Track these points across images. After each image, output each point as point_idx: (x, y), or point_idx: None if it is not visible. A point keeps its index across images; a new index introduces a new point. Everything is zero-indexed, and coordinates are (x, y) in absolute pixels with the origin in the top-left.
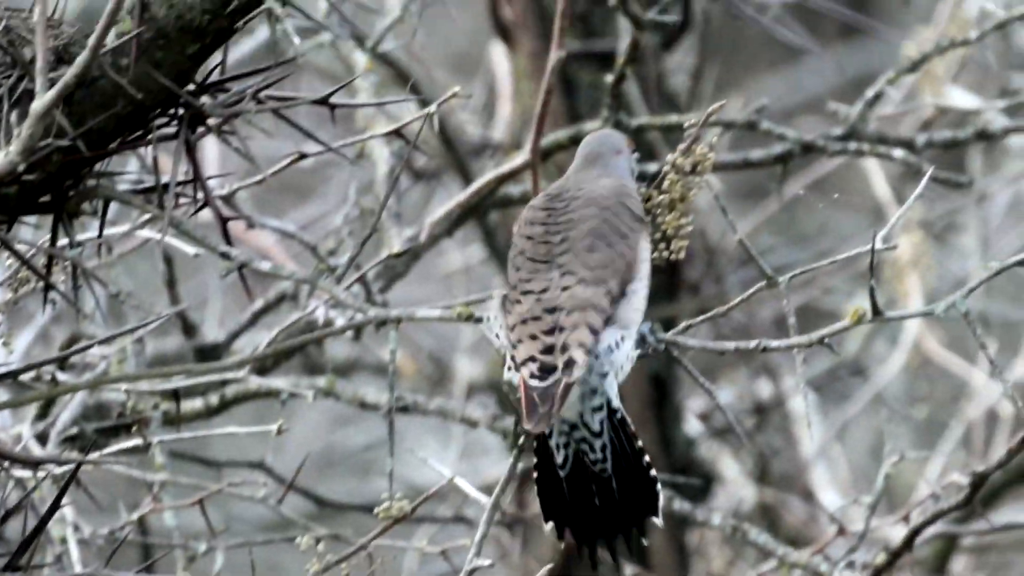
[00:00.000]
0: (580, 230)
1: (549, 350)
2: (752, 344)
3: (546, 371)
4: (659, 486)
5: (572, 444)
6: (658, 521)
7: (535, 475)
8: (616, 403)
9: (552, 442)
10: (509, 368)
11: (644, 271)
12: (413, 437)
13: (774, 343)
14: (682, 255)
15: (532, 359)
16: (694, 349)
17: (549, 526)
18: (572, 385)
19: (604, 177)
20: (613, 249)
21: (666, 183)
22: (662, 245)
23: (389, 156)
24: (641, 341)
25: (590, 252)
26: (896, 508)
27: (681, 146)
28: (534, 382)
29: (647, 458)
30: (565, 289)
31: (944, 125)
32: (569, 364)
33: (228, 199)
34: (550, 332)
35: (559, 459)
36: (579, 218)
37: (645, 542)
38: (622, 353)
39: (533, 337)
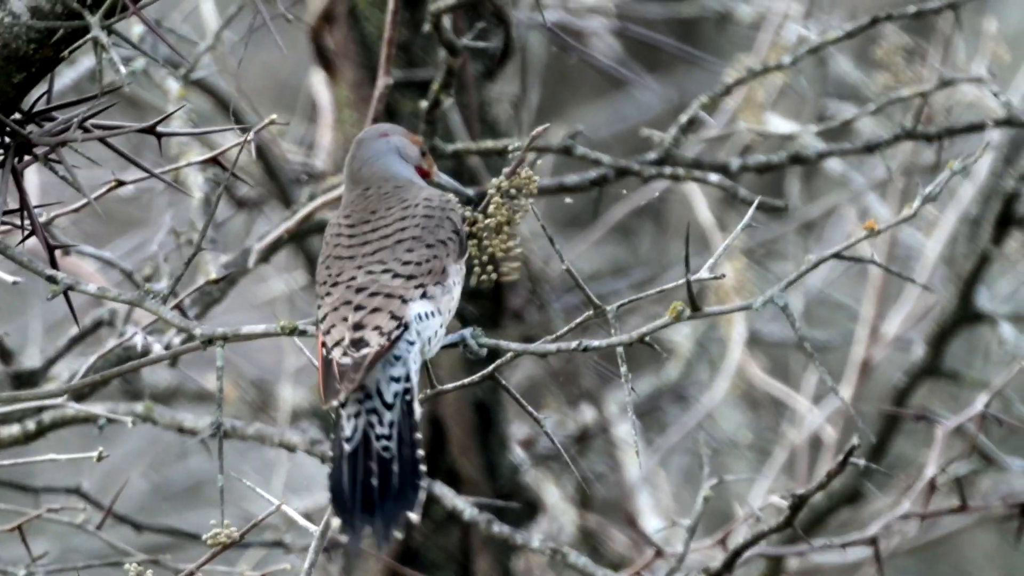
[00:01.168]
0: (399, 234)
1: (358, 327)
2: (574, 344)
3: (355, 346)
4: (424, 483)
5: (363, 415)
6: (415, 518)
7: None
8: (414, 381)
9: (345, 412)
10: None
11: (457, 275)
12: (237, 470)
13: (595, 342)
14: (515, 276)
15: (342, 340)
16: (517, 353)
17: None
18: (377, 357)
19: (406, 188)
20: (431, 251)
21: (491, 207)
22: (490, 267)
23: (204, 183)
24: (463, 344)
25: (408, 252)
26: (716, 528)
27: (506, 170)
28: (345, 360)
29: (421, 452)
30: (372, 273)
31: (764, 151)
32: (366, 343)
33: (47, 225)
34: (358, 309)
35: (347, 431)
36: (397, 223)
37: (400, 536)
38: (430, 327)
39: (344, 319)
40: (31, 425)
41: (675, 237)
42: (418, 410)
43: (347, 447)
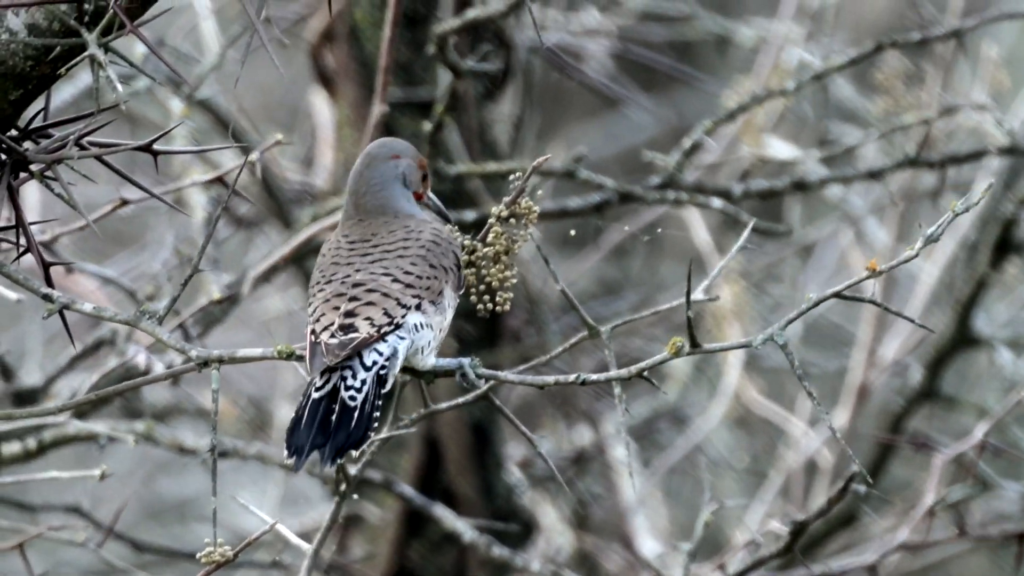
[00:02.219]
0: (402, 251)
1: (350, 315)
2: (572, 377)
3: (344, 330)
4: (372, 436)
5: (338, 373)
6: (354, 454)
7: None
8: (393, 366)
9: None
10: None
11: (451, 302)
12: (232, 486)
13: (593, 376)
14: (508, 307)
15: (332, 324)
16: (513, 383)
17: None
18: (363, 344)
19: (409, 218)
20: (432, 271)
21: (491, 236)
22: (486, 297)
23: (207, 202)
24: (461, 373)
25: (411, 265)
26: (713, 551)
27: (506, 199)
28: (332, 340)
29: (377, 416)
30: (372, 275)
31: (763, 175)
32: (355, 329)
33: (49, 245)
34: (352, 300)
35: (318, 383)
36: (400, 243)
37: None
38: (423, 336)
39: (335, 308)
40: (32, 443)
41: (669, 258)
42: (388, 385)
43: (315, 394)
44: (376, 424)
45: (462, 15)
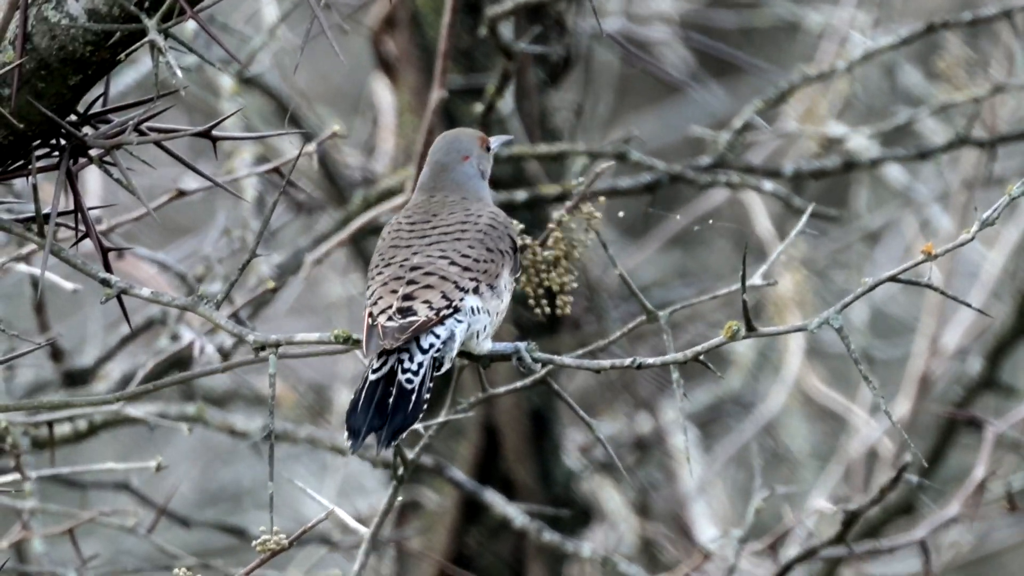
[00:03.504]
0: (460, 234)
1: (408, 298)
2: (628, 361)
3: (402, 313)
4: (419, 428)
5: (395, 355)
6: (403, 437)
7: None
8: (451, 349)
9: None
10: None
11: (508, 286)
12: (288, 470)
13: (649, 360)
14: (568, 311)
15: (390, 307)
16: (569, 367)
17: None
18: (422, 327)
19: (473, 202)
20: (490, 254)
21: (551, 240)
22: (544, 301)
23: (257, 182)
24: (517, 357)
25: (469, 248)
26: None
27: (567, 203)
28: (390, 323)
29: (427, 398)
30: (430, 257)
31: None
32: (413, 312)
33: (107, 233)
34: (410, 284)
35: (376, 365)
36: (459, 225)
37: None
38: (479, 320)
39: (393, 292)
40: (83, 424)
41: (733, 245)
42: (444, 369)
43: (372, 376)
44: (426, 407)
45: None
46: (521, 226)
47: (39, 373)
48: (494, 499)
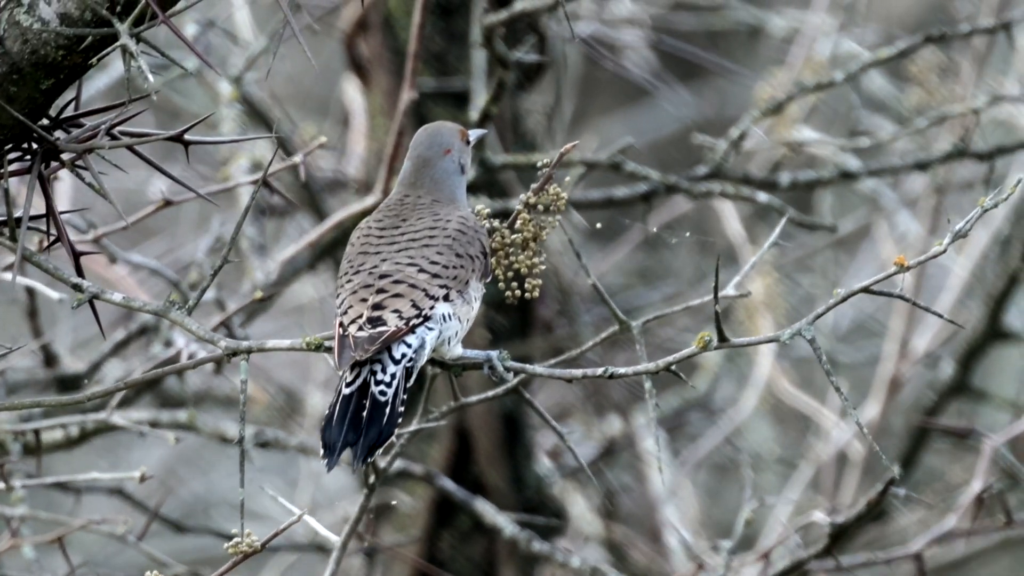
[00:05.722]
0: (428, 240)
1: (377, 307)
2: (599, 371)
3: (372, 323)
4: (393, 439)
5: (368, 367)
6: (378, 456)
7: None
8: (421, 357)
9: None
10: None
11: (477, 292)
12: (271, 485)
13: (621, 370)
14: (536, 293)
15: (360, 316)
16: (542, 376)
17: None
18: (392, 337)
19: (445, 204)
20: (459, 260)
21: (519, 223)
22: (515, 284)
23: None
24: (489, 366)
25: (438, 254)
26: (747, 545)
27: (534, 186)
28: (360, 333)
29: (402, 410)
30: (398, 264)
31: (793, 167)
32: (383, 322)
33: (96, 242)
34: (380, 292)
35: (349, 379)
36: (427, 231)
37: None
38: (450, 327)
39: (363, 300)
40: (74, 431)
41: (704, 248)
42: (414, 378)
43: (346, 390)
44: (401, 419)
45: (510, 6)
46: (488, 209)
47: (33, 378)
48: (484, 508)
